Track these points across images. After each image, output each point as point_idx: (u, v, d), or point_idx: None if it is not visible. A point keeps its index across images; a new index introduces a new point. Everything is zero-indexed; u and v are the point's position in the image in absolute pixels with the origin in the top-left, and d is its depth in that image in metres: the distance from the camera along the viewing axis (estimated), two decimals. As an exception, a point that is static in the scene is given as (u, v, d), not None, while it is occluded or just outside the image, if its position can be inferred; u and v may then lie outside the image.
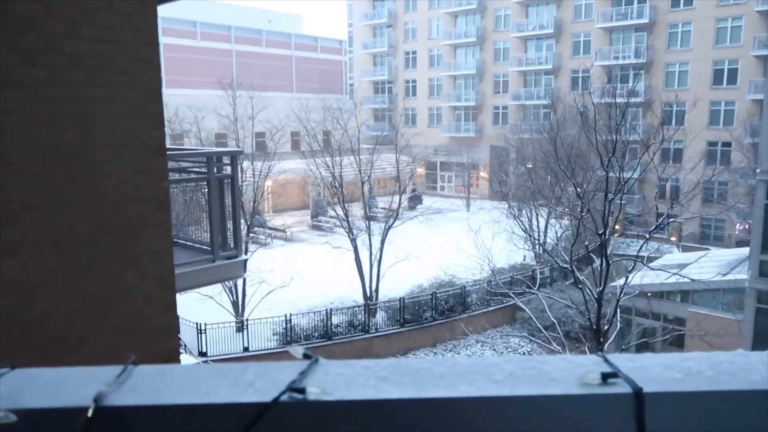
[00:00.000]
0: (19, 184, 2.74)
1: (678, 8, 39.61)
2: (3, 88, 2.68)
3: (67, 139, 2.88)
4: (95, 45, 2.95)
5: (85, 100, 2.94)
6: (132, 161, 3.14)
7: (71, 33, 2.84)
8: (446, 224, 37.85)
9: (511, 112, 48.69)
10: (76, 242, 2.94)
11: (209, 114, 31.33)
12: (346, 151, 27.77)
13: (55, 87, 2.83)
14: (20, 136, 2.73)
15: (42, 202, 2.82)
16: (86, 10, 2.90)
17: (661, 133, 18.43)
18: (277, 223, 38.59)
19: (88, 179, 2.97)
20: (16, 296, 2.77)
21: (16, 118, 2.73)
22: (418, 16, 54.68)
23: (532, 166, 32.54)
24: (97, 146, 3.01)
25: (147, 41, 3.14)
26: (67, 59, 2.87)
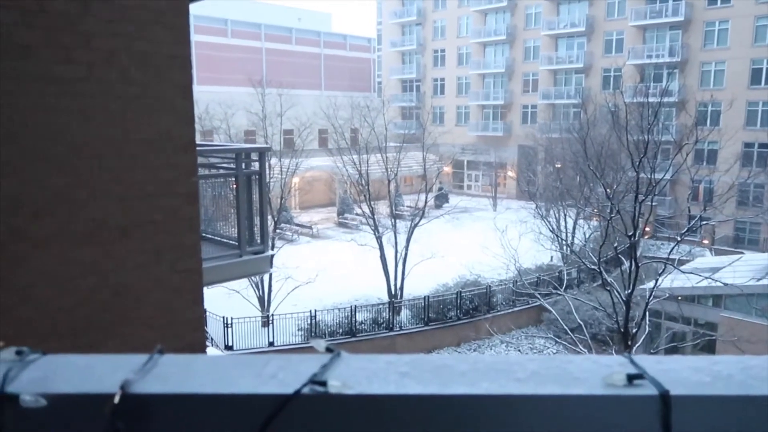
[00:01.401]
0: (54, 177, 2.82)
1: (715, 6, 38.62)
2: (40, 83, 2.75)
3: (101, 133, 2.94)
4: (129, 42, 3.00)
5: (118, 96, 3.00)
6: (163, 156, 3.19)
7: (107, 30, 2.90)
8: (472, 223, 37.64)
9: (540, 111, 48.13)
10: (108, 235, 3.01)
11: (239, 111, 31.71)
12: (373, 149, 27.81)
13: (90, 83, 2.90)
14: (56, 131, 2.80)
15: (76, 195, 2.89)
16: (121, 8, 2.95)
17: (695, 133, 18.01)
18: (304, 219, 38.87)
19: (120, 173, 3.04)
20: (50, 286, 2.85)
21: (53, 112, 2.80)
22: (448, 14, 54.40)
23: (560, 165, 32.13)
24: (130, 141, 3.07)
25: (179, 39, 3.18)
26: (102, 56, 2.93)
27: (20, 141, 2.72)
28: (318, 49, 55.27)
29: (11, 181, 2.71)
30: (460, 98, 54.52)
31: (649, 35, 42.06)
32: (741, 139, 36.08)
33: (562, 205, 28.47)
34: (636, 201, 16.04)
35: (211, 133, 30.47)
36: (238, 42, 48.88)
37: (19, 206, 2.75)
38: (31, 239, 2.79)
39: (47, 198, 2.82)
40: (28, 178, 2.77)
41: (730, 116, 34.02)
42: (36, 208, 2.82)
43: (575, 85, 45.33)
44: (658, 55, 40.65)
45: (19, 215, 2.75)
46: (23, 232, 2.79)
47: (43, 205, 2.81)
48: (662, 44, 40.94)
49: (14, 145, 2.70)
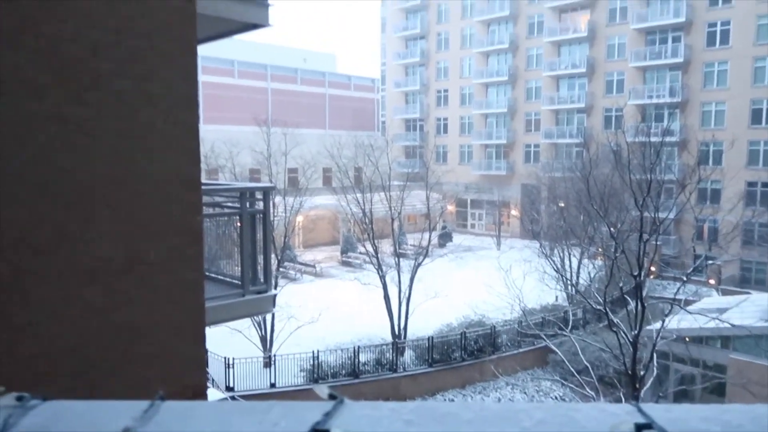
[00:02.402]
0: (58, 214, 2.83)
1: (714, 47, 39.31)
2: (50, 123, 2.79)
3: (108, 172, 2.97)
4: (138, 83, 3.06)
5: (126, 135, 3.04)
6: (168, 195, 3.21)
7: (117, 72, 2.97)
8: (476, 262, 37.47)
9: (542, 150, 48.52)
10: (110, 273, 3.00)
11: (244, 149, 32.05)
12: (376, 187, 27.97)
13: (99, 122, 2.94)
14: (64, 169, 2.83)
15: (81, 232, 2.90)
16: (131, 50, 3.02)
17: (698, 172, 18.09)
18: (307, 258, 38.79)
19: (125, 211, 3.05)
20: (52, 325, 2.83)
21: (61, 151, 2.83)
22: (450, 55, 55.49)
23: (564, 205, 32.19)
24: (136, 180, 3.09)
25: (187, 79, 3.25)
26: (111, 96, 2.98)
27: (28, 179, 2.74)
28: (323, 89, 56.22)
29: (17, 219, 2.72)
30: (463, 137, 55.10)
31: (650, 76, 42.71)
32: (743, 178, 36.20)
33: (567, 244, 28.39)
34: (640, 240, 15.99)
35: (217, 171, 30.74)
36: (244, 82, 49.80)
37: (23, 243, 2.76)
38: (35, 276, 2.79)
39: (52, 235, 2.83)
40: (34, 215, 2.78)
41: (732, 156, 34.22)
42: (40, 245, 2.82)
43: (577, 125, 45.82)
44: (658, 95, 41.20)
45: (23, 252, 2.76)
46: (27, 270, 2.79)
47: (48, 243, 2.82)
48: (662, 85, 41.53)
49: (21, 183, 2.73)
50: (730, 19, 38.46)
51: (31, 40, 2.72)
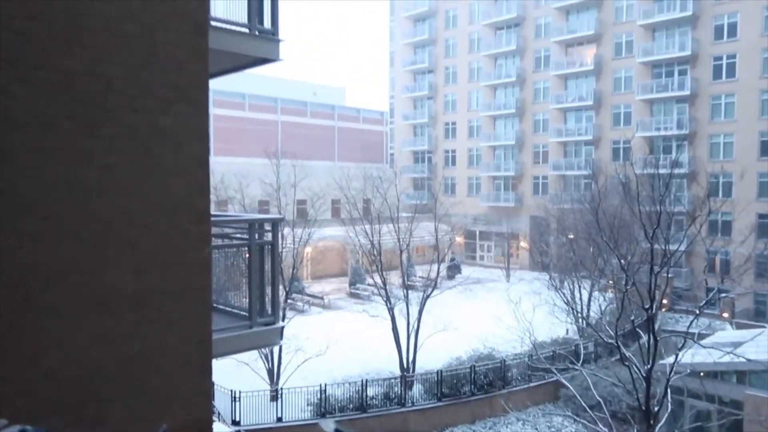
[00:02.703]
0: (69, 246, 2.85)
1: (720, 80, 39.53)
2: (64, 156, 2.83)
3: (118, 203, 3.00)
4: (151, 117, 3.11)
5: (137, 167, 3.08)
6: (178, 226, 3.23)
7: (129, 105, 3.02)
8: (485, 295, 37.15)
9: (551, 182, 48.55)
10: (120, 304, 3.00)
11: (253, 181, 32.29)
12: (385, 219, 27.98)
13: (112, 155, 2.98)
14: (76, 201, 2.86)
15: (90, 263, 2.91)
16: (145, 85, 3.08)
17: (708, 204, 17.96)
18: (316, 289, 38.64)
19: (135, 242, 3.07)
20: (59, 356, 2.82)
21: (73, 184, 2.86)
22: (458, 88, 56.13)
23: (573, 236, 32.01)
24: (146, 211, 3.11)
25: (198, 113, 3.30)
26: (124, 129, 3.03)
27: (40, 211, 2.77)
28: (332, 121, 56.87)
29: (28, 250, 2.74)
30: (471, 169, 55.30)
31: (657, 108, 42.91)
32: (754, 210, 35.94)
33: (576, 276, 28.13)
34: (651, 272, 15.80)
35: (226, 203, 30.94)
36: (254, 115, 50.51)
37: (33, 274, 2.77)
38: (43, 307, 2.79)
39: (61, 266, 2.84)
40: (44, 246, 2.80)
41: (742, 188, 34.06)
42: (50, 275, 2.83)
43: (585, 157, 45.91)
44: (666, 127, 41.31)
45: (32, 283, 2.77)
46: (36, 300, 2.80)
47: (57, 273, 2.83)
48: (670, 117, 41.67)
49: (33, 214, 2.76)
50: (735, 53, 38.76)
51: (47, 75, 2.78)
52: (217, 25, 5.62)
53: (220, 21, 5.72)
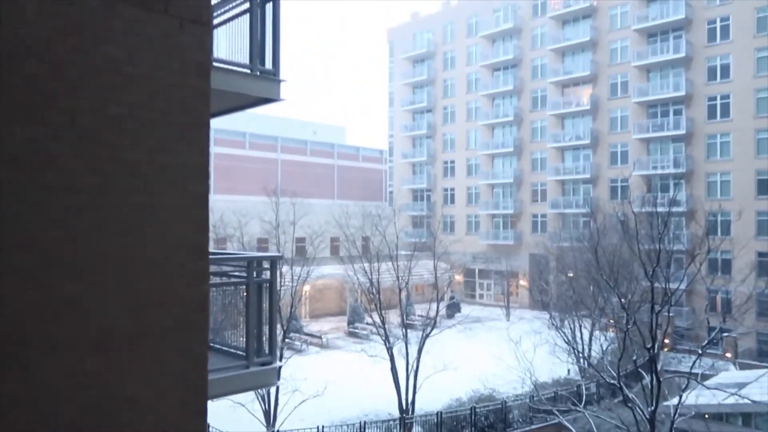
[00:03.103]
0: (65, 285, 2.82)
1: (715, 120, 40.10)
2: (63, 194, 2.84)
3: (116, 241, 2.99)
4: (152, 154, 3.13)
5: (137, 205, 3.08)
6: (176, 264, 3.21)
7: (131, 144, 3.04)
8: (485, 334, 36.76)
9: (550, 220, 48.67)
10: (114, 344, 2.96)
11: (253, 219, 32.34)
12: (384, 257, 27.91)
13: (112, 193, 2.99)
14: (73, 239, 2.85)
15: (85, 302, 2.88)
16: (147, 124, 3.11)
17: (707, 243, 17.98)
18: (314, 328, 38.23)
19: (133, 281, 3.04)
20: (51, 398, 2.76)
21: (72, 221, 2.86)
22: (456, 127, 56.83)
23: (573, 275, 31.89)
24: (144, 249, 3.10)
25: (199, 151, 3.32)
26: (125, 167, 3.04)
27: (37, 249, 2.76)
28: (332, 160, 57.34)
29: (23, 288, 2.72)
30: (470, 207, 55.49)
31: (653, 147, 43.38)
32: (754, 248, 35.93)
33: (577, 315, 27.90)
34: (652, 311, 15.69)
35: (225, 240, 30.91)
36: (255, 153, 50.96)
37: (30, 313, 2.74)
38: (37, 347, 2.75)
39: (57, 305, 2.81)
40: (40, 285, 2.78)
41: (740, 226, 34.12)
42: (47, 314, 2.80)
43: (583, 195, 46.15)
44: (663, 166, 41.68)
45: (26, 323, 2.73)
46: (29, 340, 2.76)
47: (54, 312, 2.80)
48: (666, 156, 42.08)
49: (32, 252, 2.74)
50: (729, 93, 39.43)
51: (50, 114, 2.81)
52: (220, 66, 5.73)
53: (222, 62, 5.83)
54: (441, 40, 58.33)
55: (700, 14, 40.81)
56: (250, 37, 5.90)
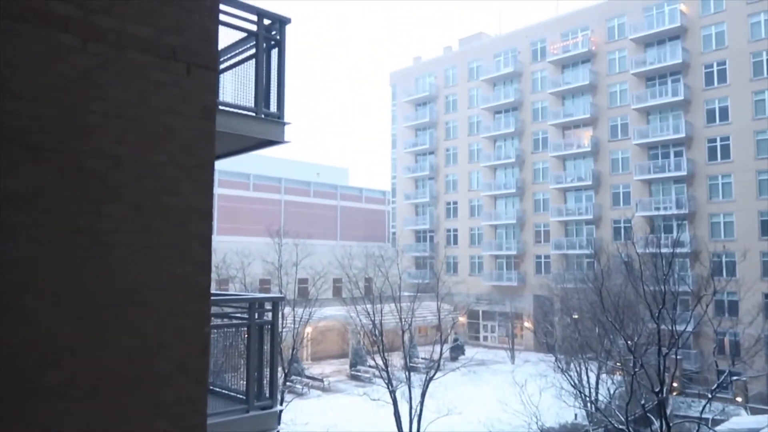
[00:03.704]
0: (65, 327, 2.80)
1: (716, 161, 40.33)
2: (67, 235, 2.85)
3: (118, 283, 2.98)
4: (156, 196, 3.15)
5: (139, 246, 3.08)
6: (177, 305, 3.19)
7: (136, 185, 3.07)
8: (490, 377, 36.13)
9: (553, 261, 48.44)
10: (112, 388, 2.91)
11: (255, 260, 32.28)
12: (387, 298, 27.71)
13: (115, 234, 2.99)
14: (75, 280, 2.84)
15: (85, 345, 2.85)
16: (152, 166, 3.14)
17: (712, 284, 17.82)
18: (315, 371, 37.65)
19: (132, 323, 3.02)
20: (46, 444, 2.70)
21: (74, 263, 2.86)
22: (459, 169, 57.24)
23: (578, 316, 31.53)
24: (145, 290, 3.09)
25: (203, 192, 3.34)
26: (129, 208, 3.06)
27: (38, 290, 2.75)
28: (335, 201, 57.63)
29: (22, 331, 2.69)
30: (473, 248, 55.36)
31: (655, 188, 43.51)
32: (760, 290, 35.59)
33: (583, 358, 27.45)
34: (659, 354, 15.45)
35: (227, 281, 30.79)
36: (258, 195, 51.27)
37: (26, 356, 2.70)
38: (34, 391, 2.71)
39: (55, 348, 2.78)
40: (40, 327, 2.75)
41: (746, 267, 33.89)
42: (45, 357, 2.77)
43: (586, 236, 46.05)
44: (665, 207, 41.70)
45: (25, 366, 2.70)
46: (26, 384, 2.72)
47: (51, 356, 2.76)
48: (668, 197, 42.16)
49: (33, 293, 2.73)
50: (729, 135, 39.79)
51: (56, 156, 2.84)
52: (226, 109, 5.83)
53: (228, 105, 5.94)
54: (443, 83, 59.37)
55: (696, 59, 41.57)
56: (256, 81, 6.02)
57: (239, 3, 5.76)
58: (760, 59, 38.60)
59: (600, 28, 47.34)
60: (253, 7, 5.90)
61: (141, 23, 3.10)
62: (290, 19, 6.08)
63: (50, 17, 2.81)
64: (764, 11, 38.47)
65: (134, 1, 3.08)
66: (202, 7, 3.33)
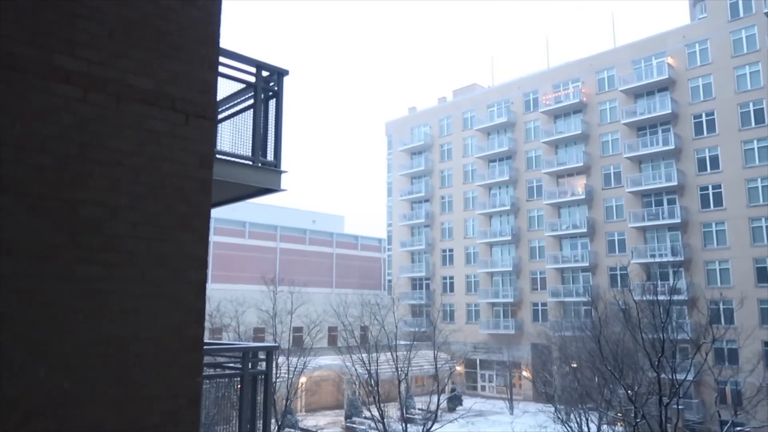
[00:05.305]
0: (55, 378, 2.74)
1: (709, 209, 40.66)
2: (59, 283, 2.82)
3: (110, 332, 2.93)
4: (151, 244, 3.14)
5: (133, 295, 3.05)
6: (168, 355, 3.14)
7: (131, 233, 3.06)
8: (488, 428, 35.25)
9: (550, 308, 48.10)
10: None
11: (250, 308, 31.93)
12: (383, 347, 27.32)
13: (109, 282, 2.97)
14: (66, 329, 2.80)
15: (76, 398, 2.79)
16: (148, 214, 3.15)
17: (711, 332, 17.70)
18: (310, 423, 36.66)
19: (122, 374, 2.96)
20: (28, 501, 2.60)
21: (66, 311, 2.82)
22: (454, 216, 57.48)
23: (576, 365, 31.08)
24: (138, 340, 3.04)
25: (198, 240, 3.33)
26: (123, 257, 3.04)
27: (28, 341, 2.71)
28: (331, 248, 57.52)
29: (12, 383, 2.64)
30: (469, 296, 54.99)
31: (650, 236, 43.67)
32: (759, 337, 35.28)
33: (583, 408, 26.89)
34: (660, 404, 15.17)
35: (221, 330, 30.35)
36: (254, 242, 51.17)
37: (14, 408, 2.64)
38: (19, 445, 2.63)
39: (44, 400, 2.72)
40: (29, 378, 2.70)
41: (743, 315, 33.70)
42: (32, 410, 2.70)
43: (583, 283, 45.89)
44: (660, 254, 41.75)
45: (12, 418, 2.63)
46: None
47: (39, 408, 2.69)
48: (663, 244, 42.29)
49: (25, 344, 2.69)
50: (720, 183, 40.28)
51: (52, 204, 2.85)
52: (223, 158, 5.89)
53: (225, 154, 6.00)
54: (437, 132, 60.31)
55: (685, 109, 42.51)
56: (254, 130, 6.11)
57: (239, 55, 5.91)
58: (747, 110, 39.49)
59: (590, 80, 48.54)
60: (252, 60, 6.05)
61: (141, 74, 3.17)
62: (288, 71, 6.23)
63: (53, 69, 2.87)
64: (749, 64, 39.63)
65: (135, 52, 3.15)
66: (202, 59, 3.41)
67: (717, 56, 41.20)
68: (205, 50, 3.45)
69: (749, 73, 39.65)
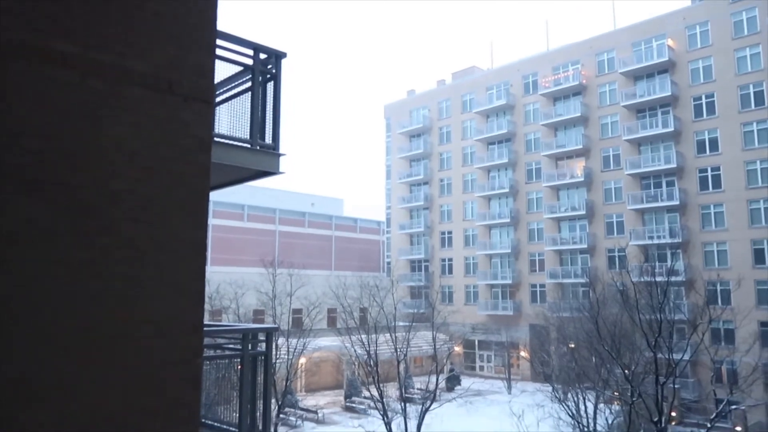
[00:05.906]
0: (58, 362, 2.77)
1: (707, 191, 40.67)
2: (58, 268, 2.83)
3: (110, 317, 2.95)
4: (150, 228, 3.14)
5: (132, 279, 3.07)
6: (169, 339, 3.16)
7: (130, 218, 3.06)
8: (487, 407, 35.65)
9: (548, 290, 48.33)
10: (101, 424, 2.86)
11: (249, 291, 32.06)
12: (382, 328, 27.50)
13: (110, 267, 2.98)
14: (67, 315, 2.81)
15: (75, 381, 2.81)
16: (147, 198, 3.15)
17: (708, 312, 17.83)
18: (310, 403, 37.06)
19: (122, 359, 2.98)
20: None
21: (65, 296, 2.84)
22: (453, 199, 57.48)
23: (574, 345, 31.33)
24: (137, 324, 3.06)
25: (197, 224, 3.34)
26: (122, 241, 3.05)
27: (32, 324, 2.72)
28: (329, 231, 57.56)
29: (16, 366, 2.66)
30: (468, 278, 55.22)
31: (648, 218, 43.74)
32: (756, 318, 35.53)
33: (580, 387, 27.18)
34: (657, 383, 15.33)
35: (220, 312, 30.50)
36: (253, 225, 51.18)
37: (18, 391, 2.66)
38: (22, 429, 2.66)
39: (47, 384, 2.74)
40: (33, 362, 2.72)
41: (741, 295, 33.90)
42: (34, 394, 2.72)
43: (581, 265, 46.08)
44: (659, 236, 41.85)
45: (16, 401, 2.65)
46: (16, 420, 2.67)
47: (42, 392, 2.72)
48: (662, 226, 42.37)
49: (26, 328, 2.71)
50: (719, 165, 40.24)
51: (51, 190, 2.85)
52: (222, 141, 5.87)
53: (223, 137, 5.99)
54: (436, 115, 60.02)
55: (685, 92, 42.28)
56: (251, 113, 6.08)
57: (237, 38, 5.86)
58: (747, 92, 39.30)
59: (590, 62, 48.21)
60: (250, 42, 6.00)
61: (139, 58, 3.15)
62: (286, 53, 6.18)
63: (50, 53, 2.85)
64: (750, 46, 39.34)
65: (132, 36, 3.13)
66: (199, 42, 3.39)
67: (717, 38, 40.88)
68: (203, 34, 3.43)
69: (749, 55, 39.38)
